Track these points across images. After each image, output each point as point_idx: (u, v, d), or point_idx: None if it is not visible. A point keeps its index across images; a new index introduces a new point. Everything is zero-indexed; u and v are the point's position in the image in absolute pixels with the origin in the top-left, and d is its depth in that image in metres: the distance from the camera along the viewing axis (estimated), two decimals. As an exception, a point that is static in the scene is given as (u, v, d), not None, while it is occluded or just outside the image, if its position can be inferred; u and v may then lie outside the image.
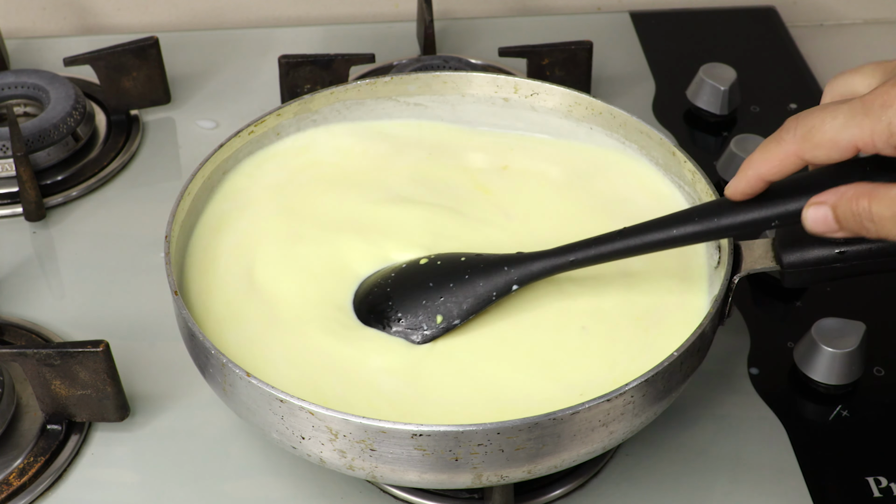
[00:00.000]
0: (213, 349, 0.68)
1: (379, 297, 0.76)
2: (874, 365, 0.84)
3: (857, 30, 1.29)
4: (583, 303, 0.76)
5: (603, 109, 0.86)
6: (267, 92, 1.11)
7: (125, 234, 0.97)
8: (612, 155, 0.86)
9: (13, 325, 0.87)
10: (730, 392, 0.83)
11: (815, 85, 1.13)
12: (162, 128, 1.08)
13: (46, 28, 1.24)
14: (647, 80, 1.14)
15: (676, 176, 0.82)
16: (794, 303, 0.90)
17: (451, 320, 0.75)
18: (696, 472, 0.78)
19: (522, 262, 0.74)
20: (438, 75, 0.89)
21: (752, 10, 1.25)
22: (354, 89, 0.88)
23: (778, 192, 0.68)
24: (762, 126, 1.07)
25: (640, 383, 0.66)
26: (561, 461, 0.67)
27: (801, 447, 0.79)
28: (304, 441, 0.66)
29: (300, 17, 1.26)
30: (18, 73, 1.07)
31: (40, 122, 1.00)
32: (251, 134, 0.84)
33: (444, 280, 0.76)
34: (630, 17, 1.23)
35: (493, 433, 0.63)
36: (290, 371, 0.72)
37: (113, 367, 0.77)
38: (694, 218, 0.70)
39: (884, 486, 0.77)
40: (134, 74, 1.05)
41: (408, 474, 0.66)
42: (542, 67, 1.07)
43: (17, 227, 0.97)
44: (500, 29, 1.20)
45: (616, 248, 0.72)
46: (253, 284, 0.78)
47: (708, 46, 1.19)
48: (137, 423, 0.81)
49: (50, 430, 0.79)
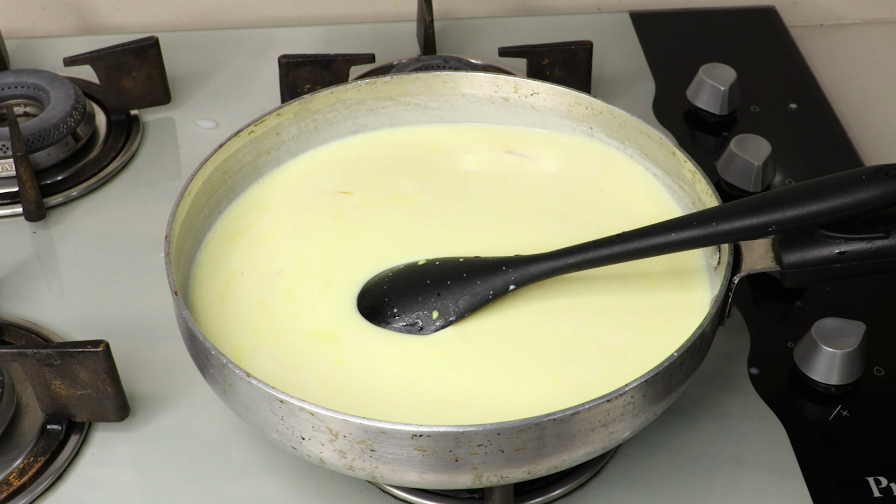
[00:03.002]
0: (213, 349, 0.68)
1: (377, 296, 0.76)
2: (874, 365, 0.84)
3: (857, 30, 1.29)
4: (583, 303, 0.76)
5: (603, 109, 0.86)
6: (267, 92, 1.11)
7: (125, 234, 0.97)
8: (613, 157, 0.87)
9: (13, 325, 0.87)
10: (730, 392, 0.83)
11: (815, 85, 1.13)
12: (162, 128, 1.08)
13: (46, 28, 1.24)
14: (647, 80, 1.14)
15: (676, 176, 0.82)
16: (794, 303, 0.90)
17: (447, 317, 0.75)
18: (696, 472, 0.78)
19: (521, 264, 0.75)
20: (438, 75, 0.89)
21: (752, 10, 1.25)
22: (354, 89, 0.88)
23: (776, 199, 0.69)
24: (762, 126, 1.07)
25: (640, 383, 0.66)
26: (561, 461, 0.67)
27: (801, 447, 0.79)
28: (304, 441, 0.66)
29: (300, 17, 1.26)
30: (18, 73, 1.07)
31: (40, 122, 1.00)
32: (251, 134, 0.84)
33: (441, 278, 0.76)
34: (630, 17, 1.23)
35: (493, 433, 0.63)
36: (291, 371, 0.72)
37: (113, 367, 0.77)
38: (692, 223, 0.71)
39: (884, 486, 0.77)
40: (134, 74, 1.05)
41: (408, 475, 0.66)
42: (542, 67, 1.07)
43: (17, 227, 0.97)
44: (500, 29, 1.20)
45: (614, 252, 0.73)
46: (254, 284, 0.78)
47: (708, 46, 1.19)
48: (137, 423, 0.81)
49: (50, 430, 0.79)
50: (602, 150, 0.87)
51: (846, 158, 1.04)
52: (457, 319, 0.75)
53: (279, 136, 0.87)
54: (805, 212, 0.69)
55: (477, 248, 0.79)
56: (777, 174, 1.01)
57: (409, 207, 0.84)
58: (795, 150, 1.05)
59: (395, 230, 0.82)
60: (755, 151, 0.98)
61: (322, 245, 0.81)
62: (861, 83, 1.19)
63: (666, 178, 0.83)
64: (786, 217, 0.69)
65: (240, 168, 0.84)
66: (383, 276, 0.78)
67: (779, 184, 1.01)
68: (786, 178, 1.02)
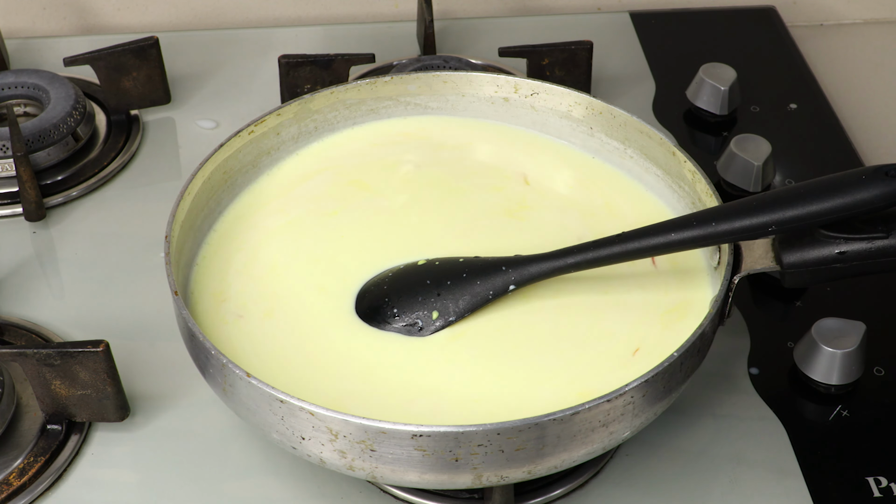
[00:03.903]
0: (213, 349, 0.68)
1: (376, 296, 0.76)
2: (874, 365, 0.84)
3: (857, 30, 1.29)
4: (583, 303, 0.76)
5: (603, 109, 0.86)
6: (267, 92, 1.11)
7: (125, 234, 0.97)
8: (613, 159, 0.87)
9: (13, 325, 0.87)
10: (730, 392, 0.83)
11: (815, 85, 1.13)
12: (162, 128, 1.08)
13: (46, 28, 1.24)
14: (647, 80, 1.14)
15: (676, 176, 0.82)
16: (794, 303, 0.90)
17: (447, 317, 0.75)
18: (696, 472, 0.78)
19: (521, 264, 0.75)
20: (439, 75, 0.89)
21: (752, 10, 1.25)
22: (354, 89, 0.88)
23: (776, 199, 0.69)
24: (762, 126, 1.07)
25: (640, 383, 0.66)
26: (561, 461, 0.67)
27: (801, 447, 0.79)
28: (304, 441, 0.66)
29: (300, 17, 1.26)
30: (18, 73, 1.07)
31: (40, 122, 1.00)
32: (251, 134, 0.84)
33: (441, 278, 0.76)
34: (630, 17, 1.23)
35: (493, 433, 0.63)
36: (291, 371, 0.72)
37: (113, 367, 0.77)
38: (692, 223, 0.71)
39: (884, 486, 0.77)
40: (134, 74, 1.05)
41: (408, 475, 0.66)
42: (542, 67, 1.07)
43: (17, 227, 0.97)
44: (500, 29, 1.20)
45: (614, 252, 0.73)
46: (254, 285, 0.78)
47: (708, 46, 1.19)
48: (137, 423, 0.81)
49: (50, 430, 0.79)
50: (603, 153, 0.87)
51: (846, 158, 1.04)
52: (457, 319, 0.75)
53: (279, 136, 0.87)
54: (805, 212, 0.69)
55: (477, 248, 0.79)
56: (777, 174, 1.01)
57: (409, 207, 0.84)
58: (795, 150, 1.05)
59: (395, 230, 0.82)
60: (755, 151, 0.98)
61: (322, 245, 0.81)
62: (861, 83, 1.19)
63: (666, 178, 0.83)
64: (786, 217, 0.69)
65: (240, 168, 0.84)
66: (383, 276, 0.78)
67: (779, 184, 1.01)
68: (786, 178, 1.02)
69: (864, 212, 0.69)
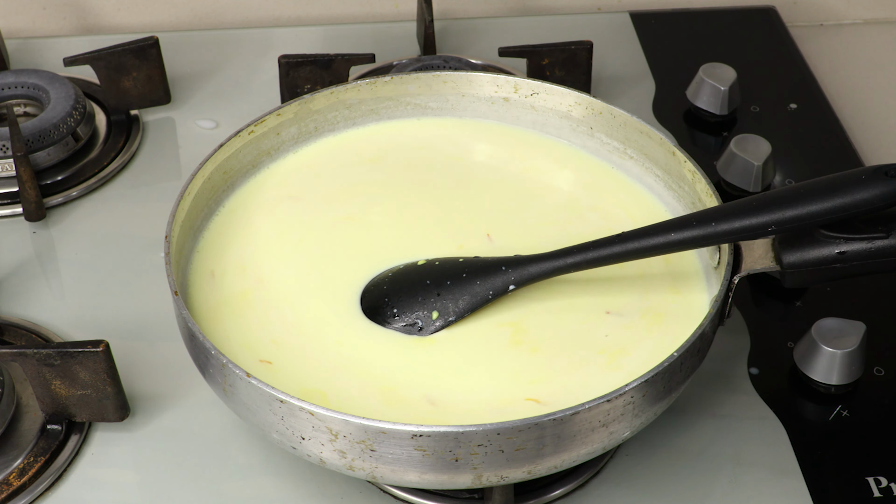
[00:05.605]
0: (213, 349, 0.68)
1: (376, 296, 0.76)
2: (874, 365, 0.84)
3: (857, 30, 1.29)
4: (583, 303, 0.76)
5: (603, 109, 0.86)
6: (267, 92, 1.11)
7: (125, 234, 0.97)
8: (613, 159, 0.87)
9: (13, 325, 0.87)
10: (730, 392, 0.83)
11: (815, 85, 1.13)
12: (162, 128, 1.08)
13: (46, 28, 1.24)
14: (647, 80, 1.14)
15: (676, 176, 0.82)
16: (794, 303, 0.90)
17: (447, 317, 0.75)
18: (696, 472, 0.78)
19: (521, 264, 0.75)
20: (439, 75, 0.89)
21: (752, 10, 1.25)
22: (354, 89, 0.88)
23: (776, 199, 0.69)
24: (762, 126, 1.07)
25: (640, 384, 0.66)
26: (561, 461, 0.67)
27: (801, 447, 0.79)
28: (304, 441, 0.66)
29: (300, 17, 1.26)
30: (18, 73, 1.07)
31: (40, 122, 1.00)
32: (251, 134, 0.84)
33: (441, 278, 0.76)
34: (630, 17, 1.23)
35: (493, 434, 0.63)
36: (291, 371, 0.72)
37: (113, 367, 0.77)
38: (692, 223, 0.71)
39: (884, 486, 0.77)
40: (134, 74, 1.05)
41: (408, 475, 0.66)
42: (542, 67, 1.07)
43: (17, 227, 0.97)
44: (500, 29, 1.20)
45: (614, 252, 0.73)
46: (254, 285, 0.78)
47: (708, 46, 1.19)
48: (137, 423, 0.81)
49: (50, 430, 0.79)
50: (603, 154, 0.87)
51: (846, 158, 1.04)
52: (456, 319, 0.75)
53: (279, 136, 0.87)
54: (805, 212, 0.69)
55: (477, 248, 0.79)
56: (777, 174, 1.02)
57: (409, 207, 0.84)
58: (795, 150, 1.05)
59: (395, 230, 0.82)
60: (755, 151, 0.98)
61: (322, 245, 0.81)
62: (861, 83, 1.19)
63: (666, 178, 0.83)
64: (786, 217, 0.69)
65: (240, 168, 0.85)
66: (383, 276, 0.78)
67: (779, 184, 1.01)
68: (786, 178, 1.02)
69: (864, 212, 0.69)
